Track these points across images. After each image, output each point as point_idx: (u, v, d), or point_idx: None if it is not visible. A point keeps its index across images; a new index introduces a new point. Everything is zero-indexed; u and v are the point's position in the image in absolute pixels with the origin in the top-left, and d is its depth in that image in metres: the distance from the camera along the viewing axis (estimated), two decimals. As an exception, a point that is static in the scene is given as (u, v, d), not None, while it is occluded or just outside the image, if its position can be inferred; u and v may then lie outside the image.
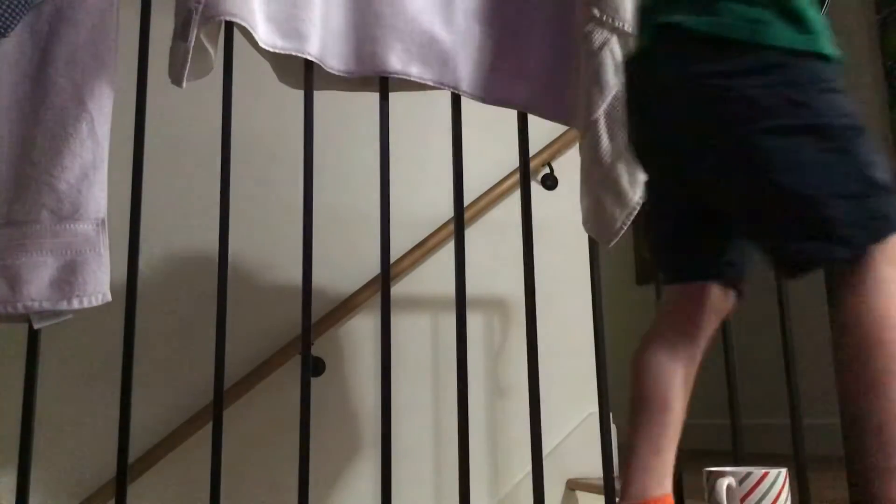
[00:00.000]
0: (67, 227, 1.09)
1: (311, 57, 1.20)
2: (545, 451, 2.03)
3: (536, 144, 2.08)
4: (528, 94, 1.27)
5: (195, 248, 1.89)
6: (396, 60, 1.21)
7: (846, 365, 0.85)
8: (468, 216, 2.03)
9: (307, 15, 1.20)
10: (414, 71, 1.22)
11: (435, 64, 1.22)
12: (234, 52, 1.24)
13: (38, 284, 1.07)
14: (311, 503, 1.20)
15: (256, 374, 1.83)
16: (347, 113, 2.05)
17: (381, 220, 1.21)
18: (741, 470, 1.10)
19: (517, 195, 1.45)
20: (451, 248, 2.03)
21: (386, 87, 1.25)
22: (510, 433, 2.00)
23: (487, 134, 2.11)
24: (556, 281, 2.09)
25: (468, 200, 2.03)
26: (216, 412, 1.15)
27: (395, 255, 1.99)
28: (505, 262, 2.08)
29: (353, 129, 2.05)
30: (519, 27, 1.28)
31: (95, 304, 1.09)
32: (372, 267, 1.99)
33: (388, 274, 1.21)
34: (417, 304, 2.01)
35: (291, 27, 1.19)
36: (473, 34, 1.26)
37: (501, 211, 2.10)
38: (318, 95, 1.21)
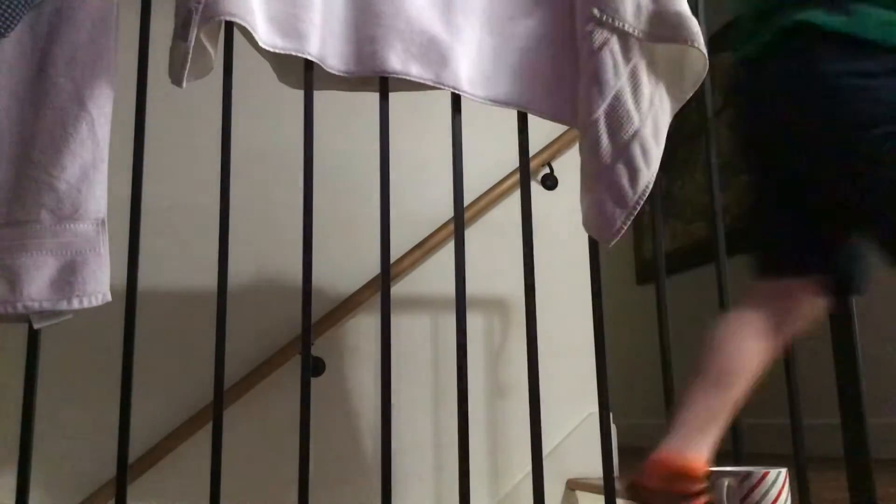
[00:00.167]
0: (67, 227, 1.09)
1: (311, 57, 1.20)
2: (545, 451, 2.03)
3: (536, 144, 2.08)
4: (527, 94, 1.27)
5: (195, 247, 1.89)
6: (396, 60, 1.20)
7: None
8: (468, 216, 2.03)
9: (307, 15, 1.20)
10: (414, 71, 1.21)
11: (435, 64, 1.22)
12: (234, 52, 1.24)
13: (38, 284, 1.07)
14: (311, 503, 1.20)
15: (256, 374, 1.83)
16: (347, 113, 2.05)
17: (381, 220, 1.21)
18: (741, 470, 1.10)
19: (517, 195, 1.45)
20: (451, 248, 2.03)
21: (386, 87, 1.25)
22: (510, 433, 2.00)
23: (487, 134, 2.11)
24: (556, 281, 2.09)
25: (468, 200, 2.03)
26: (216, 412, 1.15)
27: (395, 255, 1.99)
28: (505, 262, 2.08)
29: (353, 129, 2.05)
30: (519, 27, 1.28)
31: (95, 304, 1.09)
32: (372, 267, 1.99)
33: (388, 274, 1.21)
34: (417, 304, 2.01)
35: (292, 27, 1.19)
36: (473, 34, 1.26)
37: (501, 211, 2.10)
38: (318, 95, 1.21)
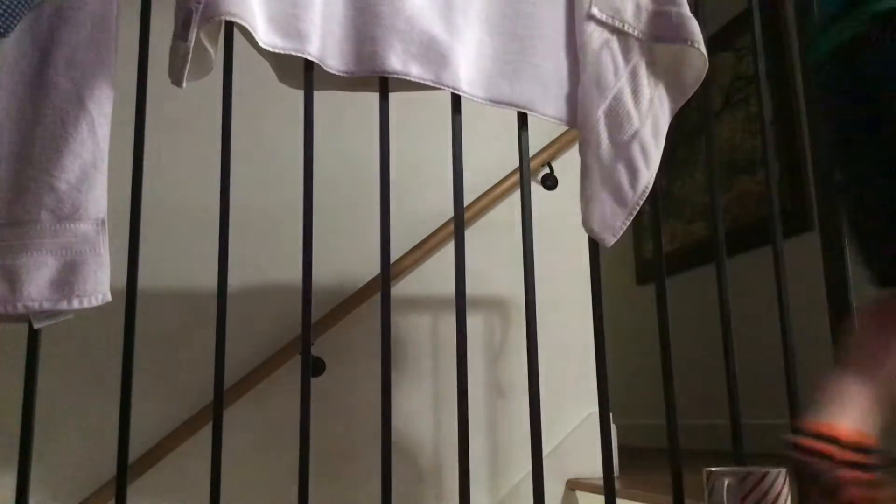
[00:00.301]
0: (67, 227, 1.09)
1: (311, 57, 1.20)
2: (545, 451, 2.04)
3: (536, 144, 2.08)
4: (527, 94, 1.27)
5: (195, 247, 1.89)
6: (396, 60, 1.20)
7: None
8: (468, 216, 2.03)
9: (307, 15, 1.19)
10: (414, 71, 1.21)
11: (435, 64, 1.22)
12: (234, 52, 1.24)
13: (38, 284, 1.07)
14: (311, 503, 1.19)
15: (256, 374, 1.83)
16: (348, 113, 2.05)
17: (381, 220, 1.21)
18: (741, 470, 1.10)
19: (517, 195, 1.45)
20: (451, 247, 2.04)
21: (386, 87, 1.25)
22: (510, 433, 2.00)
23: (487, 134, 2.11)
24: (556, 281, 2.10)
25: (468, 200, 2.03)
26: (216, 412, 1.15)
27: (395, 254, 1.99)
28: (505, 262, 2.08)
29: (353, 129, 2.05)
30: (519, 27, 1.28)
31: (95, 304, 1.09)
32: (372, 267, 1.99)
33: (388, 274, 1.21)
34: (417, 304, 2.02)
35: (292, 27, 1.19)
36: (473, 34, 1.26)
37: (501, 211, 2.10)
38: (318, 95, 1.22)
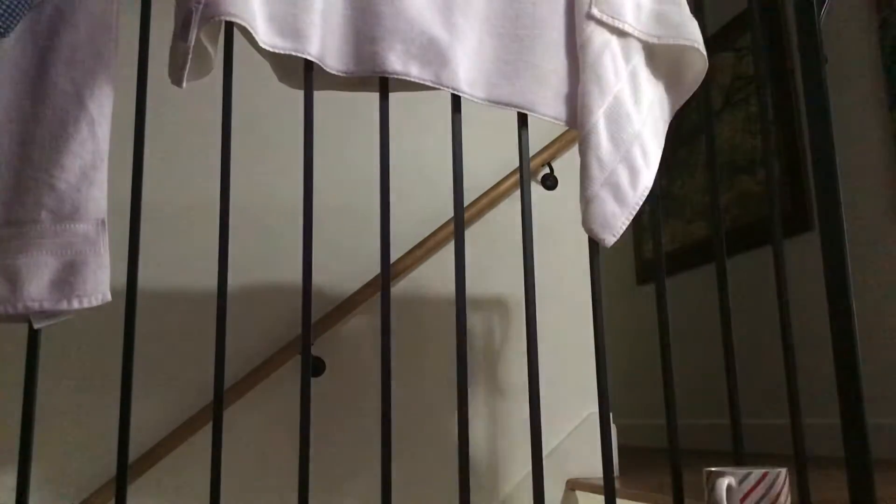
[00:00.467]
0: (67, 227, 1.09)
1: (311, 57, 1.20)
2: (545, 451, 2.04)
3: (536, 144, 2.09)
4: (527, 94, 1.27)
5: (195, 247, 1.89)
6: (396, 61, 1.20)
7: None
8: (468, 216, 2.03)
9: (307, 15, 1.20)
10: (414, 71, 1.21)
11: (435, 64, 1.22)
12: (234, 52, 1.24)
13: (38, 284, 1.07)
14: (311, 503, 1.19)
15: (256, 373, 1.83)
16: (348, 113, 2.05)
17: (381, 220, 1.21)
18: (741, 470, 1.10)
19: (517, 195, 1.44)
20: (451, 247, 2.04)
21: (386, 87, 1.25)
22: (510, 433, 2.00)
23: (487, 134, 2.11)
24: (556, 281, 2.10)
25: (468, 200, 2.03)
26: (216, 412, 1.15)
27: (395, 254, 1.99)
28: (505, 262, 2.08)
29: (353, 129, 2.05)
30: (519, 27, 1.28)
31: (95, 304, 1.09)
32: (372, 267, 1.99)
33: (388, 274, 1.21)
34: (417, 304, 2.02)
35: (292, 27, 1.19)
36: (473, 34, 1.26)
37: (501, 211, 2.10)
38: (318, 95, 1.22)
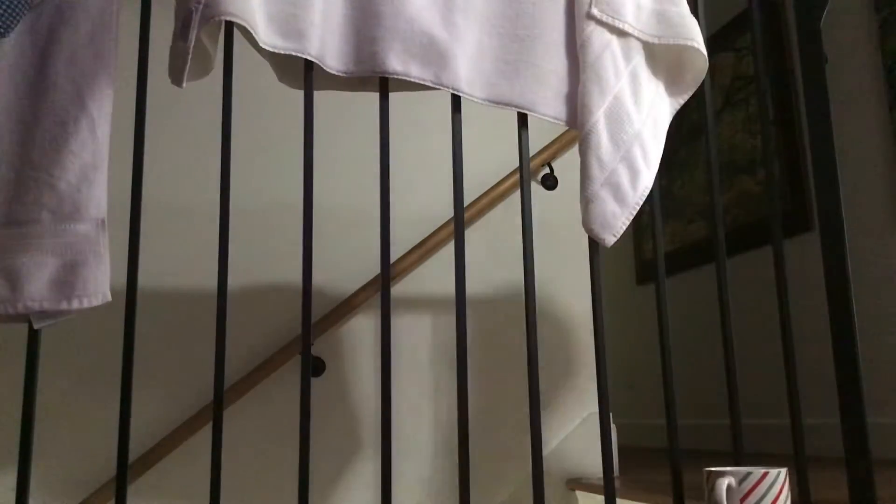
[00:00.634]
0: (68, 227, 1.09)
1: (310, 57, 1.20)
2: (545, 451, 2.04)
3: (536, 144, 2.09)
4: (527, 94, 1.27)
5: (195, 247, 1.89)
6: (396, 61, 1.20)
7: None
8: (468, 216, 2.03)
9: (307, 15, 1.20)
10: (414, 71, 1.21)
11: (435, 64, 1.22)
12: (234, 52, 1.24)
13: (38, 284, 1.07)
14: (311, 503, 1.19)
15: (256, 373, 1.83)
16: (347, 113, 2.05)
17: (381, 220, 1.21)
18: (741, 470, 1.10)
19: (517, 195, 1.44)
20: (451, 247, 2.04)
21: (386, 87, 1.25)
22: (510, 433, 2.00)
23: (487, 134, 2.11)
24: (556, 281, 2.10)
25: (468, 200, 2.03)
26: (216, 412, 1.15)
27: (395, 254, 1.99)
28: (504, 262, 2.08)
29: (353, 129, 2.05)
30: (519, 27, 1.28)
31: (96, 304, 1.09)
32: (372, 267, 1.99)
33: (388, 274, 1.21)
34: (417, 304, 2.02)
35: (292, 27, 1.19)
36: (473, 35, 1.26)
37: (501, 211, 2.10)
38: (318, 95, 1.22)
